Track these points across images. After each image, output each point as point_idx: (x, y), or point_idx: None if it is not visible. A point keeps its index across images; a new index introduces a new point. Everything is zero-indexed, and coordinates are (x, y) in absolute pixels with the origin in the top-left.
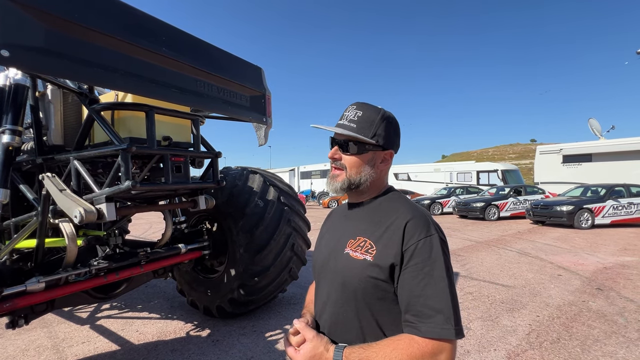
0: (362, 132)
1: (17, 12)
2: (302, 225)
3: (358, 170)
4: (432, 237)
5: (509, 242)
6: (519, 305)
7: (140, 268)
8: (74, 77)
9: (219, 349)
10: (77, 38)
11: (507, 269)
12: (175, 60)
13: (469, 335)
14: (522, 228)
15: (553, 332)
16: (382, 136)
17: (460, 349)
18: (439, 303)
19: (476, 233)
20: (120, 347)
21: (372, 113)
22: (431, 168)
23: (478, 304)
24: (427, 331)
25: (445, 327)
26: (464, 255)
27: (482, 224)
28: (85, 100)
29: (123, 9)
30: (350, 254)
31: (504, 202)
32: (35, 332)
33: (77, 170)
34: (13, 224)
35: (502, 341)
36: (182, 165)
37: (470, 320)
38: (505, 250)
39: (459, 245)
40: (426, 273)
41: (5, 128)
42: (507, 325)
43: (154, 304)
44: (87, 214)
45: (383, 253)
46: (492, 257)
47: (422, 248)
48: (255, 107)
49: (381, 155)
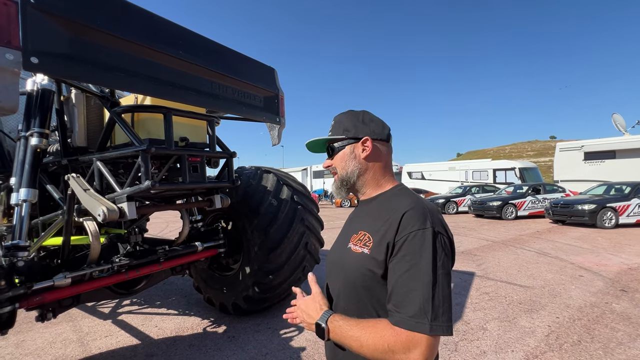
0: (335, 133)
1: (44, 20)
2: (315, 224)
3: (343, 166)
4: (426, 230)
5: (527, 241)
6: (537, 306)
7: (159, 265)
8: (97, 81)
9: (235, 344)
10: (99, 44)
11: (525, 269)
12: (191, 64)
13: (485, 336)
14: (540, 227)
15: (574, 334)
16: (349, 128)
17: (476, 350)
18: (419, 296)
19: (492, 232)
20: (141, 342)
21: (342, 116)
22: (446, 166)
23: (495, 305)
24: (399, 321)
25: (419, 321)
26: (480, 255)
27: (499, 224)
28: (107, 103)
29: (143, 14)
30: (352, 248)
31: (521, 200)
32: (61, 325)
33: (99, 170)
34: (41, 222)
35: (519, 342)
36: (199, 165)
37: (487, 321)
38: (523, 250)
39: (475, 245)
40: (412, 265)
41: (34, 131)
42: (525, 326)
43: (172, 301)
44: (109, 213)
45: (380, 245)
46: (510, 257)
47: (412, 240)
48: (269, 107)
49: (359, 145)
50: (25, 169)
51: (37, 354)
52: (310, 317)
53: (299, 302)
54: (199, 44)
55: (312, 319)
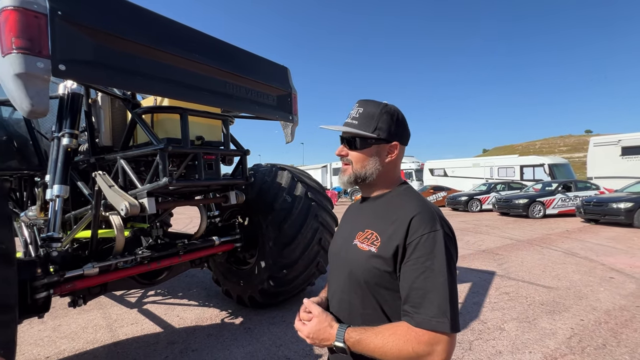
0: (364, 128)
1: (70, 30)
2: (329, 220)
3: (363, 165)
4: (437, 232)
5: (555, 241)
6: (560, 307)
7: (179, 258)
8: (118, 85)
9: (251, 336)
10: (120, 50)
11: (550, 269)
12: (206, 65)
13: (502, 336)
14: (571, 227)
15: (599, 337)
16: (383, 129)
17: (491, 349)
18: (437, 297)
19: (517, 231)
20: (163, 330)
21: (373, 108)
22: (469, 163)
23: (514, 305)
24: (422, 322)
25: (440, 320)
26: (502, 254)
27: (525, 222)
28: (129, 105)
29: (159, 20)
30: (357, 245)
31: (550, 198)
32: (92, 312)
33: (123, 168)
34: (73, 216)
35: (538, 344)
36: (214, 163)
37: (505, 321)
38: (549, 249)
39: (497, 243)
40: (427, 267)
41: (65, 132)
42: (546, 327)
43: (192, 292)
44: (131, 208)
45: (387, 245)
46: (534, 256)
47: (425, 242)
48: (282, 106)
49: (386, 148)
50: (58, 167)
51: (71, 337)
52: (325, 340)
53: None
54: (212, 46)
55: (327, 341)
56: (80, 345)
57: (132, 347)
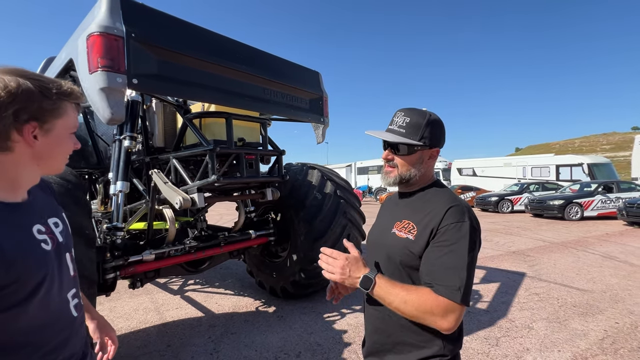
0: (411, 136)
1: (141, 49)
2: (357, 217)
3: (408, 168)
4: (465, 223)
5: (592, 244)
6: (594, 310)
7: (220, 248)
8: (178, 94)
9: (284, 323)
10: (179, 64)
11: (585, 272)
12: (248, 74)
13: (531, 334)
14: (611, 229)
15: (634, 340)
16: (428, 138)
17: (519, 346)
18: (456, 272)
19: (551, 233)
20: (204, 315)
21: (419, 118)
22: (500, 162)
23: (544, 305)
24: (441, 291)
25: (455, 292)
26: (534, 255)
27: (560, 224)
28: (181, 110)
29: (210, 36)
30: (396, 233)
31: (589, 200)
32: (141, 297)
33: (175, 167)
34: (129, 209)
35: (568, 343)
36: (254, 162)
37: (534, 321)
38: (585, 252)
39: (529, 245)
40: (451, 249)
41: (126, 135)
42: (577, 328)
43: (228, 283)
44: (184, 202)
45: (423, 233)
46: (568, 259)
47: (453, 229)
48: (314, 108)
49: (428, 153)
50: (120, 166)
51: (126, 318)
52: (356, 272)
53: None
54: (254, 55)
55: (358, 272)
56: (134, 325)
57: (178, 328)
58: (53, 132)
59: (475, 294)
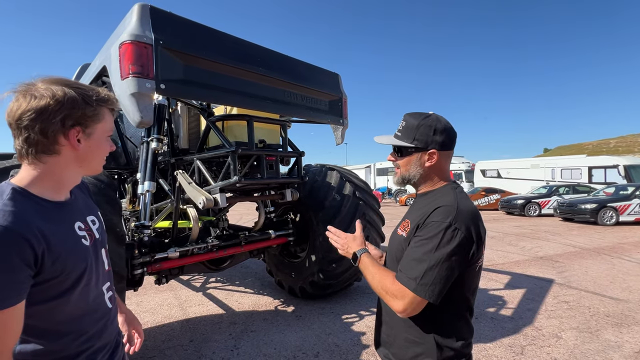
0: (405, 139)
1: (168, 56)
2: (376, 219)
3: (407, 168)
4: (443, 223)
5: (629, 250)
6: (630, 321)
7: (241, 247)
8: (203, 98)
9: (302, 323)
10: (204, 69)
11: (620, 280)
12: (268, 77)
13: (559, 344)
14: None
15: None
16: (420, 140)
17: (546, 356)
18: (418, 264)
19: (582, 239)
20: (225, 312)
21: (413, 121)
22: (528, 164)
23: (574, 314)
24: (399, 277)
25: (410, 280)
26: (563, 262)
27: (592, 229)
28: (205, 113)
29: (233, 41)
30: (398, 231)
31: (625, 204)
32: (165, 293)
33: (198, 167)
34: (155, 208)
35: (600, 355)
36: (274, 163)
37: (563, 330)
38: (621, 259)
39: (558, 250)
40: (421, 244)
41: (153, 137)
42: (610, 339)
43: (248, 282)
44: (207, 201)
45: (412, 230)
46: (602, 266)
47: (431, 226)
48: (333, 110)
49: (425, 154)
50: (148, 167)
51: (151, 312)
52: (352, 248)
53: (348, 236)
54: (274, 59)
55: (352, 249)
56: (159, 319)
57: (200, 324)
58: (94, 135)
59: (499, 299)
